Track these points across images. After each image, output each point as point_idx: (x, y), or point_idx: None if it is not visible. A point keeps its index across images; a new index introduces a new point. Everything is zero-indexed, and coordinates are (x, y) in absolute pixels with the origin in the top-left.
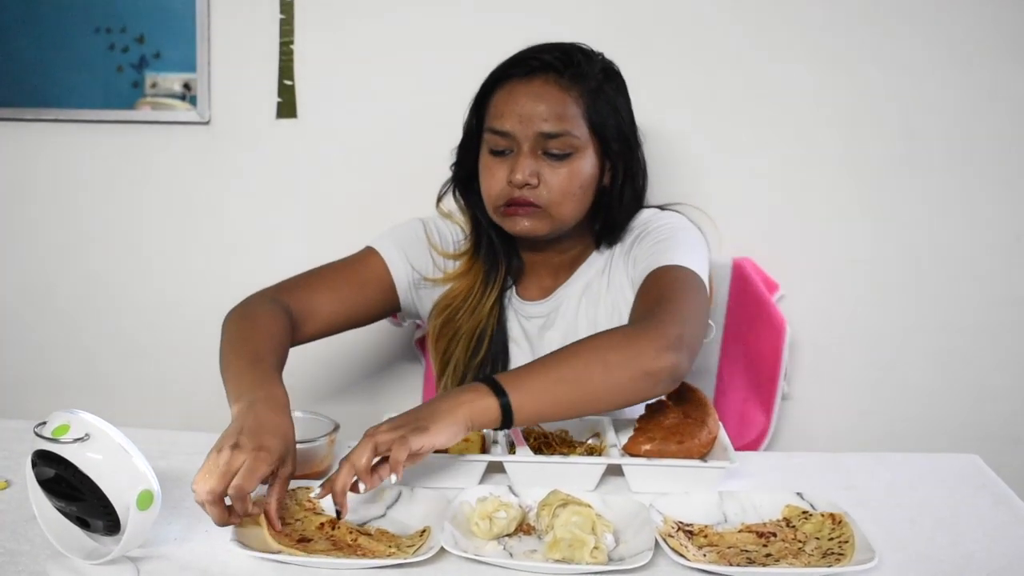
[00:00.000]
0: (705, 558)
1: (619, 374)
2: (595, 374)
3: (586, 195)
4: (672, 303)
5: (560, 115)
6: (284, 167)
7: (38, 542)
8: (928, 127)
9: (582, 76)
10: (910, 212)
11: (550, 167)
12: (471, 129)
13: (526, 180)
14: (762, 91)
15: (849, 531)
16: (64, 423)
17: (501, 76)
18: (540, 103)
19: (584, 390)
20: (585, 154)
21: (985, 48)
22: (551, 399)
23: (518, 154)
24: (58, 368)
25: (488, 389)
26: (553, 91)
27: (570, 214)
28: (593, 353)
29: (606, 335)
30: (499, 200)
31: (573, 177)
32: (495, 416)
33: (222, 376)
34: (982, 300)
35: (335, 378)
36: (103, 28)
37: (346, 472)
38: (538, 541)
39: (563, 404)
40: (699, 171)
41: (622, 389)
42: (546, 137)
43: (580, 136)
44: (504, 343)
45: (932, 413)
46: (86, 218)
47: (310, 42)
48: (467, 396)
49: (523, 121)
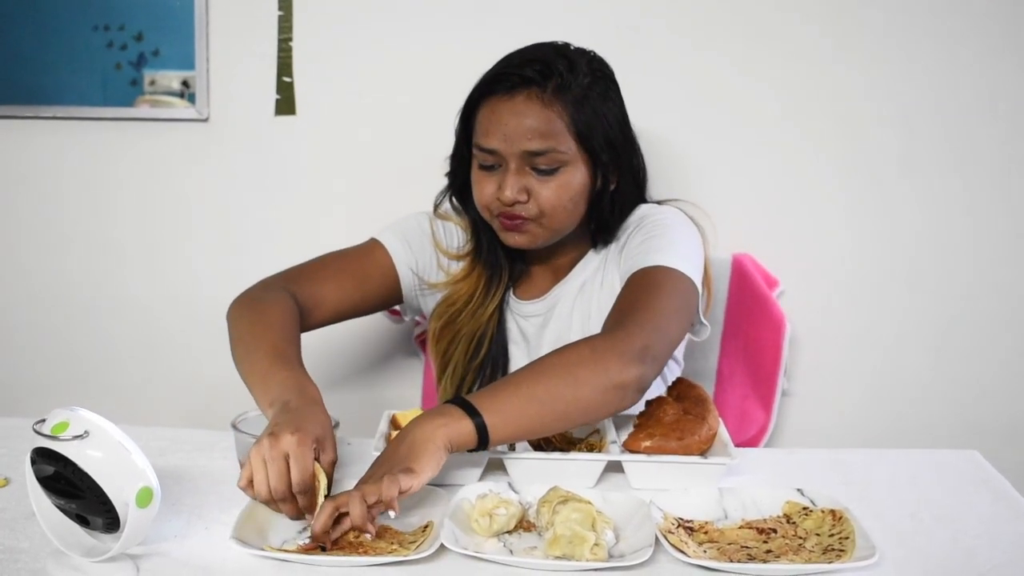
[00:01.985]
0: (705, 554)
1: (587, 390)
2: (565, 390)
3: (577, 206)
4: (642, 312)
5: (544, 132)
6: (283, 164)
7: (37, 539)
8: (927, 125)
9: (565, 87)
10: (910, 208)
11: (539, 182)
12: (460, 141)
13: (515, 198)
14: (763, 87)
15: (849, 527)
16: (63, 420)
17: (485, 92)
18: (524, 120)
19: (555, 408)
20: (574, 166)
21: (984, 47)
22: (525, 418)
23: (506, 171)
24: (57, 366)
25: (461, 412)
26: (535, 108)
27: (563, 224)
28: (563, 368)
29: (574, 348)
30: (492, 213)
31: (562, 190)
32: (471, 438)
33: (241, 371)
34: (981, 296)
35: (335, 374)
36: (101, 26)
37: (328, 512)
38: (538, 538)
39: (535, 422)
40: (699, 167)
41: (592, 403)
42: (532, 155)
43: (567, 150)
44: (504, 345)
45: (932, 409)
46: (85, 215)
47: (309, 39)
48: (441, 420)
49: (508, 139)
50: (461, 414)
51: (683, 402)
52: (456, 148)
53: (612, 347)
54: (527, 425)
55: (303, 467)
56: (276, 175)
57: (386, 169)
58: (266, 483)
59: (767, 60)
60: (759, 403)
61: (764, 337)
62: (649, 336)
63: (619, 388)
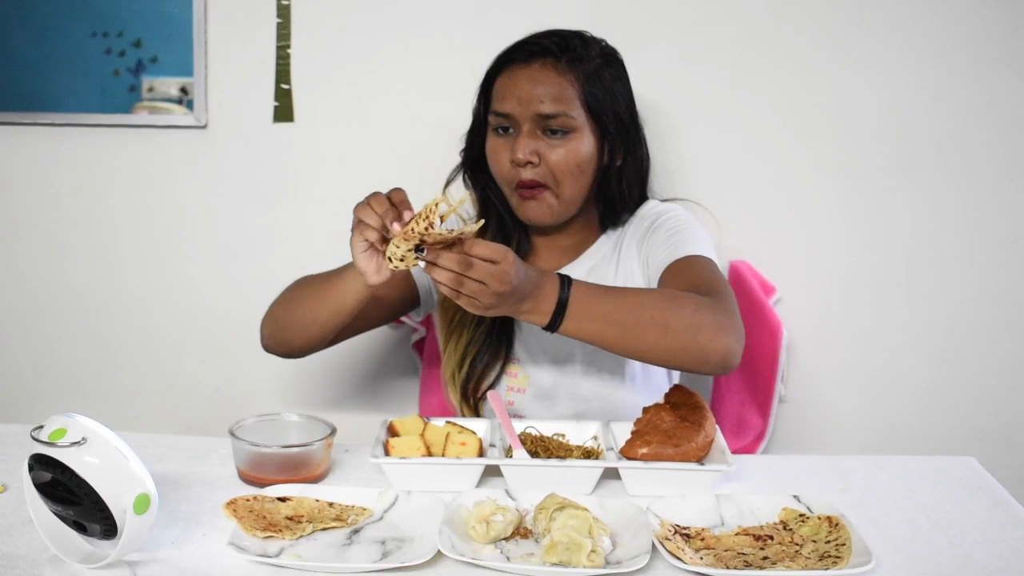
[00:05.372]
0: (702, 561)
1: (673, 342)
2: (651, 333)
3: (585, 174)
4: (727, 298)
5: (556, 96)
6: (281, 171)
7: (35, 546)
8: (924, 131)
9: (579, 60)
10: (906, 214)
11: (549, 146)
12: (478, 114)
13: (527, 159)
14: (757, 94)
15: (846, 534)
16: (61, 427)
17: (504, 61)
18: (538, 85)
19: (633, 342)
20: (583, 134)
21: (980, 52)
22: (600, 331)
23: (518, 134)
24: (55, 372)
25: (559, 285)
26: (550, 74)
27: (572, 193)
28: (659, 312)
29: (681, 300)
30: (510, 181)
31: (571, 155)
32: (550, 309)
33: (308, 306)
34: (978, 302)
35: (333, 381)
36: (100, 32)
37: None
38: (535, 544)
39: (608, 341)
40: (695, 175)
41: (670, 354)
42: (544, 117)
43: (576, 117)
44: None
45: (928, 415)
46: (83, 221)
47: (307, 46)
48: (546, 281)
49: (522, 103)
50: (557, 286)
51: (680, 409)
52: (473, 122)
53: (714, 315)
54: (600, 336)
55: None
56: (274, 182)
57: (384, 175)
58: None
59: (765, 69)
60: (756, 410)
61: (761, 344)
62: (740, 320)
63: (724, 350)
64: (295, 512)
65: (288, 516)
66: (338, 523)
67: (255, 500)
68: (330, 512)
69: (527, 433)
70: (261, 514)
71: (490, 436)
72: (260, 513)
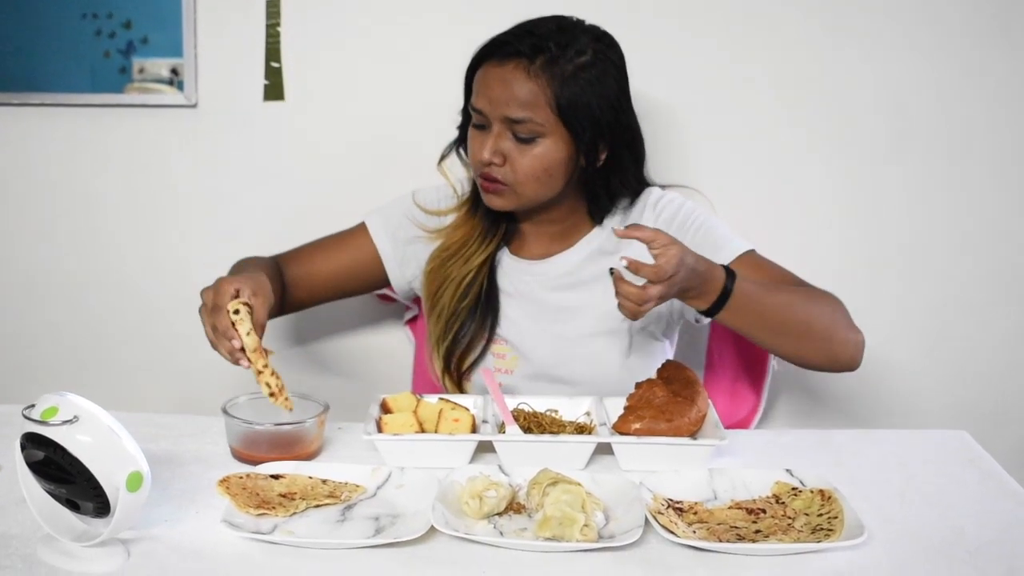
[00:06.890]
0: (695, 535)
1: (810, 343)
2: (793, 335)
3: (553, 178)
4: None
5: (524, 102)
6: (272, 149)
7: (28, 525)
8: (920, 114)
9: (552, 62)
10: (901, 194)
11: (517, 149)
12: (465, 98)
13: (491, 159)
14: (757, 86)
15: (838, 507)
16: (53, 406)
17: (483, 55)
18: (508, 88)
19: (776, 340)
20: (552, 139)
21: (977, 36)
22: (750, 325)
23: (489, 132)
24: (47, 352)
25: (725, 277)
26: (521, 78)
27: (535, 194)
28: (804, 314)
29: (820, 302)
30: (478, 172)
31: (537, 160)
32: (713, 297)
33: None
34: (971, 280)
35: (326, 358)
36: (90, 14)
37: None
38: (528, 519)
39: (754, 335)
40: (690, 159)
41: (807, 354)
42: (512, 121)
43: (545, 123)
44: (496, 294)
45: (921, 391)
46: (74, 202)
47: (297, 24)
48: (716, 273)
49: (492, 104)
50: (723, 277)
51: (672, 384)
52: (464, 104)
53: (843, 316)
54: (752, 330)
55: (220, 297)
56: (265, 160)
57: (375, 154)
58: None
59: (760, 48)
60: (749, 385)
61: None
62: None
63: (854, 350)
64: (288, 489)
65: (281, 493)
66: (331, 500)
67: (248, 478)
68: (323, 489)
69: (520, 409)
70: (254, 491)
71: (483, 412)
72: (253, 490)
